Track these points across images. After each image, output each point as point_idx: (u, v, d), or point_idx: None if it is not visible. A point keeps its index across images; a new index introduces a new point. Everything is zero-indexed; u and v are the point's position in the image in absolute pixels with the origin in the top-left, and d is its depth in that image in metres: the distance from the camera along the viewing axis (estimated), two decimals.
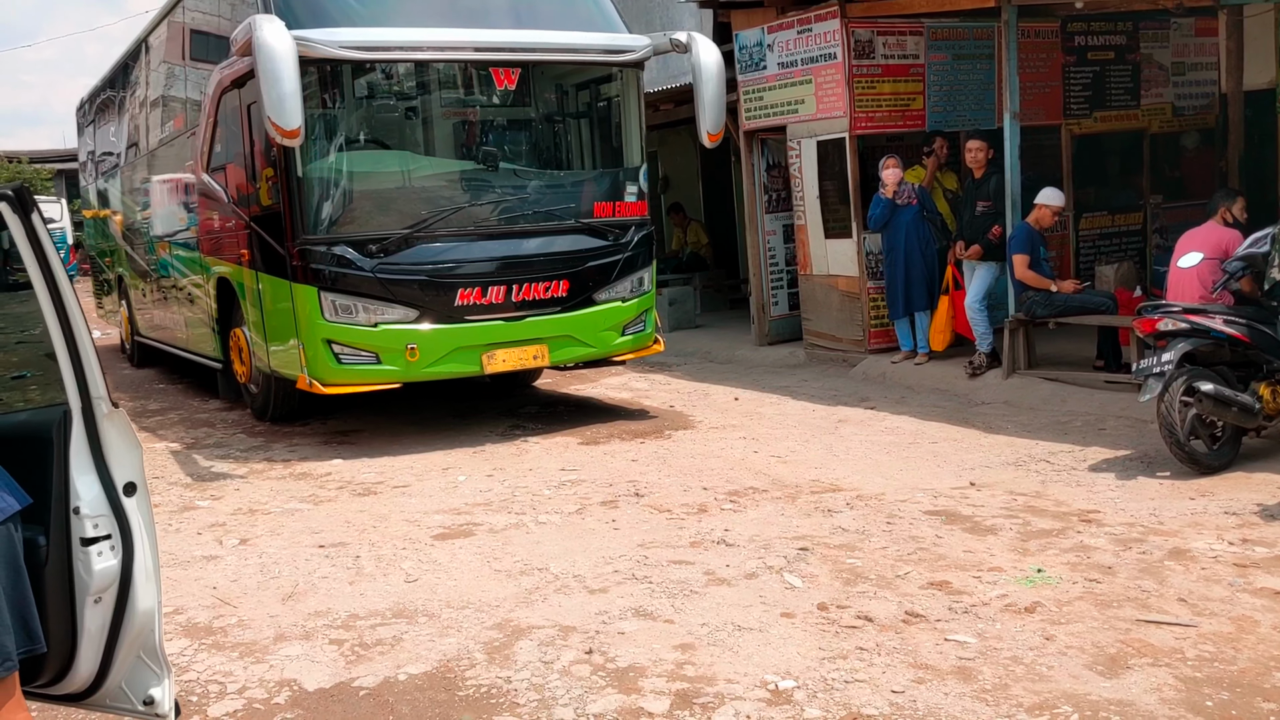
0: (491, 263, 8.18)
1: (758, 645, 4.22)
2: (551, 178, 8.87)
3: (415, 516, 6.26)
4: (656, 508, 6.17)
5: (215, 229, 9.58)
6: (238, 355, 9.35)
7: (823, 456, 7.21)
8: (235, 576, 5.38)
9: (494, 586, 5.03)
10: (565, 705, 3.80)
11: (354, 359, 7.91)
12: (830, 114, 10.21)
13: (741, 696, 3.79)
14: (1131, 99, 11.44)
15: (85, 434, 2.76)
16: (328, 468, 7.61)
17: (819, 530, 5.60)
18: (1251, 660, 3.88)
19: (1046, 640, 4.13)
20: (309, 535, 6.00)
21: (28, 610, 2.55)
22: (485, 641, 4.40)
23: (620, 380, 10.75)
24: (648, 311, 8.95)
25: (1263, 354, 6.32)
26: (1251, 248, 6.55)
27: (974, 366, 9.21)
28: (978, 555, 5.12)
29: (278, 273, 8.13)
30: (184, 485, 7.31)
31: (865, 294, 10.31)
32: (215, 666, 4.30)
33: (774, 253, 11.87)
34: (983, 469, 6.67)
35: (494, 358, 8.13)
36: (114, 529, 2.77)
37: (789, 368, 10.89)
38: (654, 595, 4.79)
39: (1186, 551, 5.01)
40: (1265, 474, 6.15)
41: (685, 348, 12.27)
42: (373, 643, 4.45)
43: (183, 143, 10.27)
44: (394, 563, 5.45)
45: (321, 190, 7.91)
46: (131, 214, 12.99)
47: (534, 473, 7.14)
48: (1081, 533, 5.37)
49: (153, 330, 12.59)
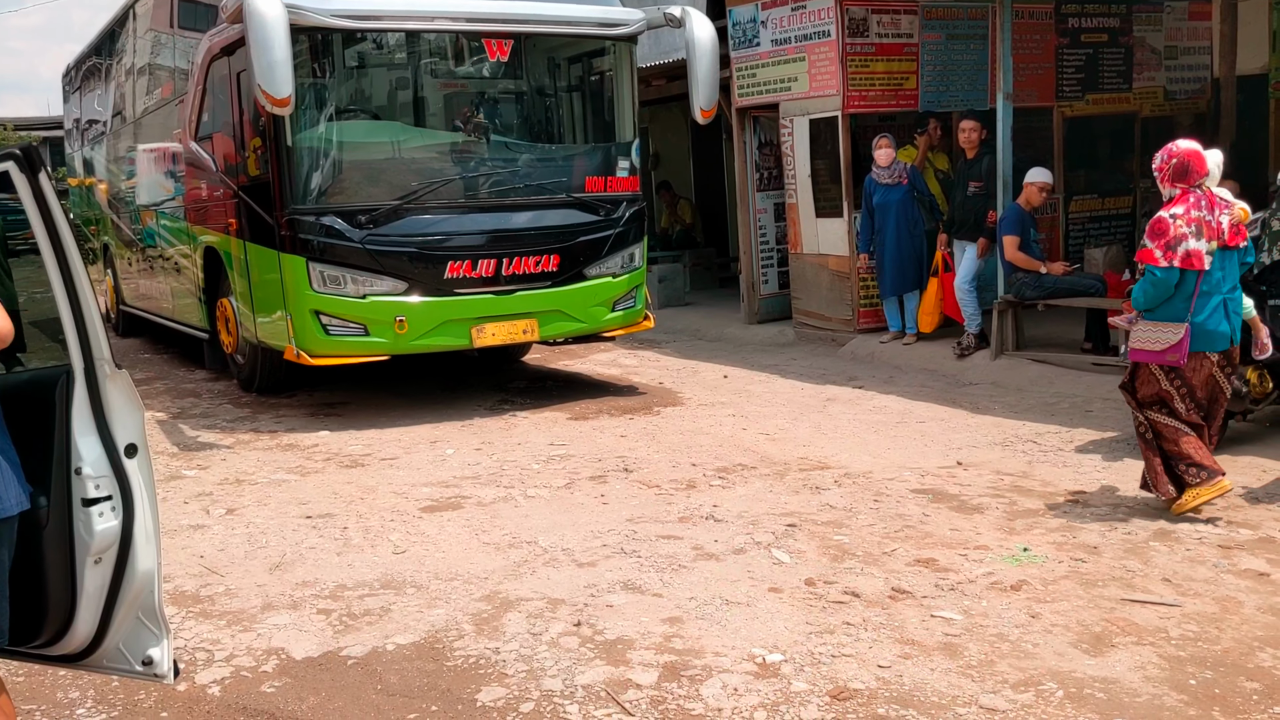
0: (482, 236, 8.15)
1: (745, 619, 4.23)
2: (543, 151, 8.83)
3: (403, 489, 6.25)
4: (645, 483, 6.18)
5: (203, 198, 9.51)
6: (224, 325, 9.30)
7: (811, 434, 7.22)
8: (222, 546, 5.36)
9: (482, 559, 5.03)
10: (554, 676, 3.81)
11: (342, 330, 7.88)
12: (823, 92, 10.18)
13: (729, 669, 3.81)
14: (1124, 82, 11.44)
15: (87, 395, 2.75)
16: (315, 439, 7.59)
17: (807, 507, 5.62)
18: (1234, 640, 3.91)
19: (1032, 618, 4.15)
20: (296, 506, 5.99)
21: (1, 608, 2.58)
22: (473, 613, 4.40)
23: (609, 356, 10.74)
24: (638, 288, 8.93)
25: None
26: None
27: (962, 347, 9.23)
28: (964, 533, 5.14)
29: (266, 243, 8.08)
30: (170, 455, 7.28)
31: (855, 273, 10.31)
32: (203, 634, 4.29)
33: (764, 231, 11.86)
34: (970, 449, 6.70)
35: (483, 331, 8.11)
36: (115, 490, 2.76)
37: (778, 346, 10.89)
38: (642, 569, 4.80)
39: (1171, 533, 5.05)
40: (1250, 457, 6.19)
41: (674, 325, 12.27)
42: (360, 613, 4.45)
43: (170, 111, 10.18)
44: (382, 534, 5.44)
45: (311, 160, 7.86)
46: (117, 182, 12.89)
47: (522, 447, 7.14)
48: (1068, 512, 5.40)
49: (139, 300, 12.53)
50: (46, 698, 3.81)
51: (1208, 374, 5.29)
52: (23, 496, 2.57)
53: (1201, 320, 5.19)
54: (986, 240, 9.07)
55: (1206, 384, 5.32)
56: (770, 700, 3.57)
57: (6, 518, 2.53)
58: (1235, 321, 5.28)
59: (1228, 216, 5.21)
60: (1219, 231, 5.17)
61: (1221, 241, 5.18)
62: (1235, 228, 5.23)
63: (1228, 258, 5.26)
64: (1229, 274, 5.27)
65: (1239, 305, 5.36)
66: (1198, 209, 5.17)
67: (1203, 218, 5.16)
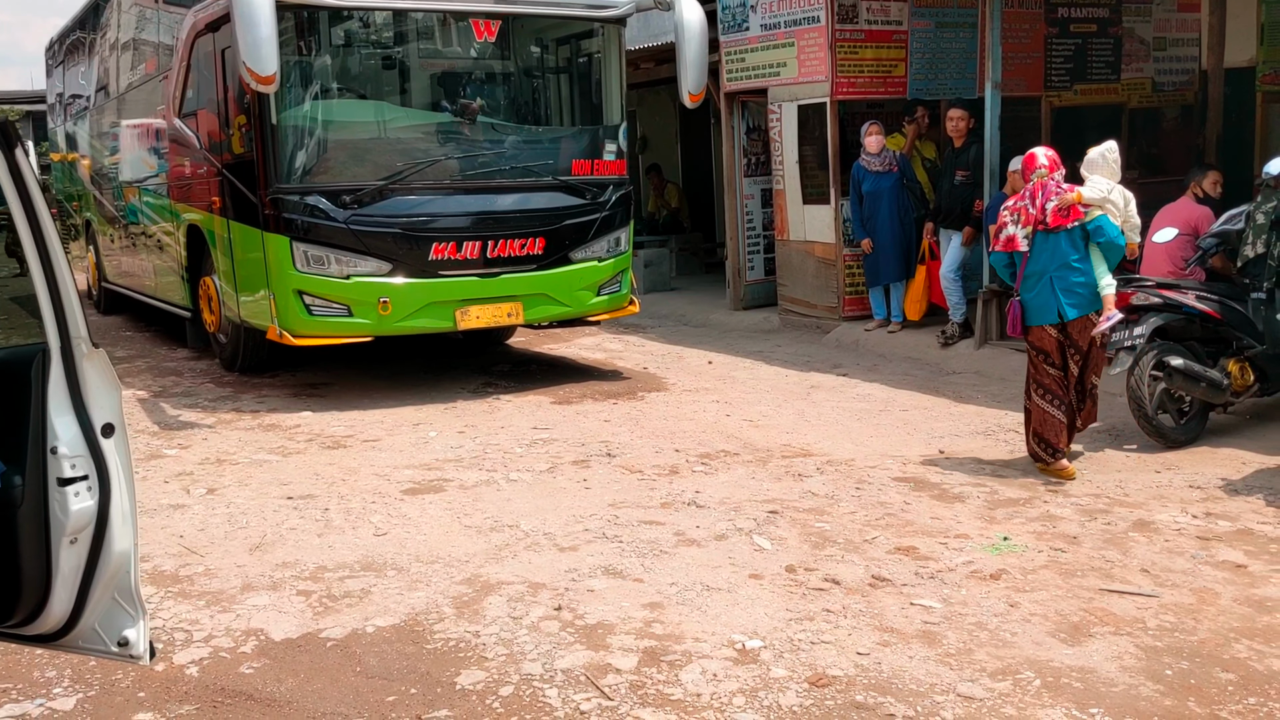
0: (467, 218, 8.11)
1: (726, 605, 4.24)
2: (530, 133, 8.78)
3: (385, 471, 6.23)
4: (628, 468, 6.17)
5: (186, 175, 9.44)
6: (207, 304, 9.25)
7: (794, 421, 7.23)
8: (202, 526, 5.34)
9: (464, 542, 5.02)
10: (534, 660, 3.81)
11: (325, 311, 7.84)
12: (812, 78, 10.15)
13: (709, 655, 3.81)
14: (1112, 73, 11.45)
15: (64, 374, 2.72)
16: (297, 420, 7.56)
17: (789, 494, 5.63)
18: (1211, 631, 3.94)
19: (1011, 607, 4.17)
20: (277, 486, 5.97)
21: None
22: (454, 596, 4.39)
23: (594, 341, 10.72)
24: (624, 272, 8.91)
25: (1233, 331, 6.37)
26: (1226, 224, 6.60)
27: (946, 336, 9.25)
28: (945, 522, 5.16)
29: (249, 221, 8.03)
30: (151, 433, 7.24)
31: (841, 261, 10.31)
32: (181, 615, 4.28)
33: (751, 217, 11.84)
34: (952, 438, 6.71)
35: (467, 314, 8.08)
36: (91, 470, 2.73)
37: (763, 333, 10.89)
38: (624, 554, 4.80)
39: (1150, 523, 5.07)
40: (1230, 449, 6.22)
41: (660, 310, 12.26)
42: (341, 595, 4.44)
43: (154, 87, 10.10)
44: (363, 516, 5.43)
45: (296, 139, 7.80)
46: (100, 158, 12.78)
47: (506, 430, 7.13)
48: (1048, 502, 5.42)
49: (120, 277, 12.44)
50: (23, 676, 3.79)
51: (1053, 343, 5.85)
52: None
53: (1030, 297, 5.87)
54: (972, 229, 9.08)
55: (1057, 352, 5.85)
56: (749, 686, 3.58)
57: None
58: (1065, 298, 5.78)
59: (1055, 202, 5.75)
60: (1037, 217, 5.80)
61: (1042, 225, 5.78)
62: (1061, 211, 5.75)
63: (1052, 240, 5.79)
64: (1055, 254, 5.79)
65: (1071, 282, 5.77)
66: (1023, 199, 5.89)
67: (1025, 207, 5.86)
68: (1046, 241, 5.80)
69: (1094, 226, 5.75)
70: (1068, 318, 5.79)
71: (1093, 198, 5.79)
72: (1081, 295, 5.79)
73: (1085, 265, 5.79)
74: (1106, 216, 5.79)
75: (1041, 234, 5.80)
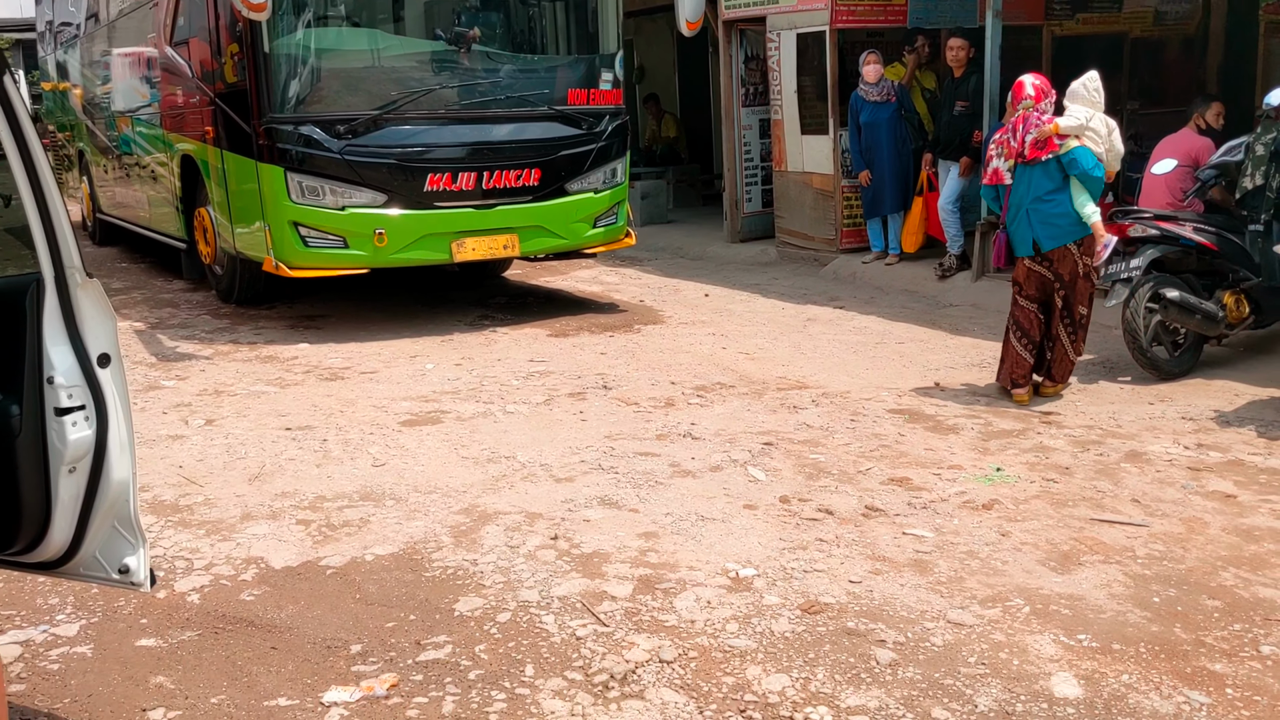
0: (462, 148, 8.05)
1: (720, 535, 4.29)
2: (525, 62, 8.68)
3: (382, 402, 6.26)
4: (624, 400, 6.20)
5: (179, 105, 9.34)
6: (202, 235, 9.21)
7: (790, 354, 7.25)
8: (201, 456, 5.38)
9: (461, 473, 5.06)
10: (530, 588, 3.86)
11: (321, 242, 7.82)
12: (811, 6, 10.01)
13: (703, 583, 3.86)
14: (1114, 2, 11.29)
15: (59, 304, 2.72)
16: (294, 351, 7.57)
17: (784, 426, 5.66)
18: (1199, 560, 3.99)
19: (1002, 536, 4.22)
20: (275, 418, 6.00)
21: None
22: (452, 525, 4.44)
23: (590, 273, 10.70)
24: (620, 204, 8.87)
25: (1229, 263, 6.37)
26: (1225, 156, 6.56)
27: (944, 268, 9.23)
28: (939, 453, 5.20)
29: (243, 152, 7.97)
30: (149, 365, 7.26)
31: (839, 193, 10.25)
32: (182, 543, 4.32)
33: (749, 148, 11.75)
34: (948, 370, 6.74)
35: (463, 246, 8.05)
36: (89, 399, 2.74)
37: (760, 265, 10.87)
38: (619, 485, 4.84)
39: (1142, 454, 5.11)
40: (1224, 381, 6.26)
41: (656, 242, 12.22)
42: (340, 524, 4.48)
43: (145, 14, 9.95)
44: (361, 447, 5.46)
45: (289, 68, 7.71)
46: (92, 87, 12.62)
47: (502, 363, 7.14)
48: (1041, 434, 5.46)
49: (115, 208, 12.36)
50: (26, 603, 3.84)
51: (1031, 276, 5.95)
52: None
53: (1012, 229, 6.00)
54: (970, 160, 9.02)
55: (1033, 282, 5.95)
56: (742, 613, 3.64)
57: None
58: (1041, 229, 5.85)
59: (1033, 134, 5.77)
60: (1018, 149, 5.84)
61: (1021, 158, 5.83)
62: (1038, 143, 5.77)
63: (1030, 171, 5.84)
64: (1032, 186, 5.84)
65: (1047, 214, 5.83)
66: (1006, 132, 5.94)
67: (1008, 139, 5.91)
68: (1024, 174, 5.89)
69: (1069, 159, 5.76)
70: (1044, 249, 5.87)
71: (1070, 126, 5.77)
72: (1059, 226, 5.83)
73: (1062, 196, 5.82)
74: (1084, 148, 5.77)
75: (1021, 166, 5.89)
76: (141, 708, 3.17)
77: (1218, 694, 3.13)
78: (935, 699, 3.12)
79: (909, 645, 3.42)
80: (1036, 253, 5.89)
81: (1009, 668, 3.28)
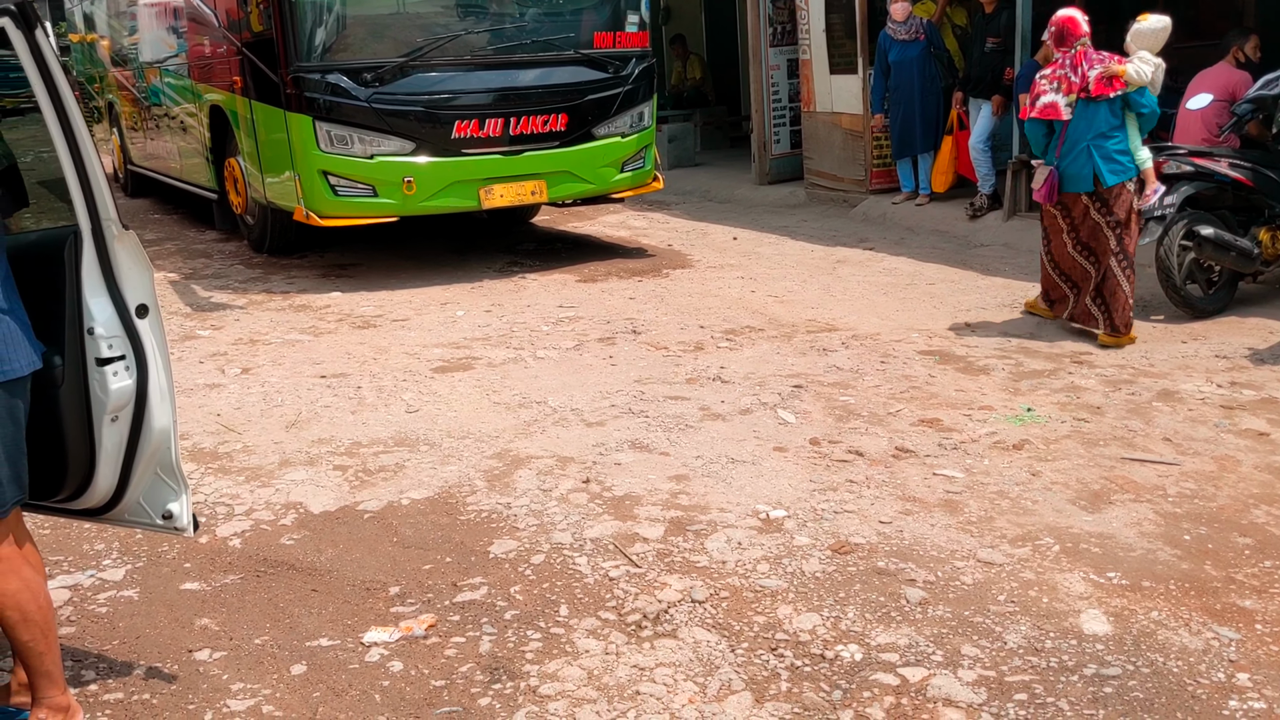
0: (489, 94, 8.03)
1: (750, 477, 4.32)
2: (551, 5, 8.60)
3: (415, 349, 6.32)
4: (653, 345, 6.23)
5: (206, 55, 9.35)
6: (233, 186, 9.25)
7: (820, 296, 7.24)
8: (239, 404, 5.46)
9: (493, 418, 5.12)
10: (563, 530, 3.92)
11: (350, 191, 7.84)
12: None
13: (733, 525, 3.91)
14: None
15: (96, 256, 2.77)
16: (326, 300, 7.63)
17: (813, 369, 5.67)
18: (1231, 498, 3.99)
19: (1032, 476, 4.23)
20: (310, 365, 6.07)
21: (20, 463, 2.62)
22: (485, 470, 4.50)
23: (618, 218, 10.69)
24: (647, 148, 8.83)
25: (1266, 198, 6.28)
26: (1262, 90, 6.43)
27: (974, 208, 9.15)
28: (969, 394, 5.20)
29: (271, 101, 7.98)
30: (184, 315, 7.34)
31: (869, 133, 10.15)
32: (222, 490, 4.41)
33: (777, 89, 11.63)
34: (979, 310, 6.71)
35: (491, 193, 8.06)
36: (128, 350, 2.80)
37: (789, 207, 10.81)
38: (650, 429, 4.88)
39: (1175, 393, 5.10)
40: (1258, 318, 6.20)
41: (684, 186, 12.16)
42: (375, 469, 4.55)
43: None
44: (395, 394, 5.53)
45: (315, 16, 7.69)
46: (120, 38, 12.63)
47: (532, 309, 7.18)
48: (1073, 374, 5.44)
49: (146, 159, 12.42)
50: (73, 549, 3.94)
51: (1083, 210, 5.93)
52: (34, 357, 2.60)
53: (1065, 165, 5.90)
54: (1002, 98, 8.90)
55: (1085, 221, 5.94)
56: (773, 554, 3.68)
57: (18, 378, 2.57)
58: (1105, 166, 5.81)
59: (1098, 70, 5.76)
60: (1080, 85, 5.80)
61: (1085, 94, 5.79)
62: (1104, 80, 5.76)
63: (1092, 108, 5.81)
64: (1095, 123, 5.82)
65: (1110, 150, 5.82)
66: (1063, 68, 5.87)
67: (1065, 75, 5.85)
68: (1086, 109, 5.83)
69: (1137, 98, 5.77)
70: (1107, 184, 5.82)
71: (1140, 73, 5.72)
72: (1119, 163, 5.83)
73: (1122, 134, 5.83)
74: (1145, 87, 5.76)
75: (1083, 101, 5.82)
76: (188, 649, 3.26)
77: (1247, 629, 3.15)
78: (965, 636, 3.16)
79: (939, 584, 3.46)
80: (1097, 188, 5.84)
81: (1038, 605, 3.31)
